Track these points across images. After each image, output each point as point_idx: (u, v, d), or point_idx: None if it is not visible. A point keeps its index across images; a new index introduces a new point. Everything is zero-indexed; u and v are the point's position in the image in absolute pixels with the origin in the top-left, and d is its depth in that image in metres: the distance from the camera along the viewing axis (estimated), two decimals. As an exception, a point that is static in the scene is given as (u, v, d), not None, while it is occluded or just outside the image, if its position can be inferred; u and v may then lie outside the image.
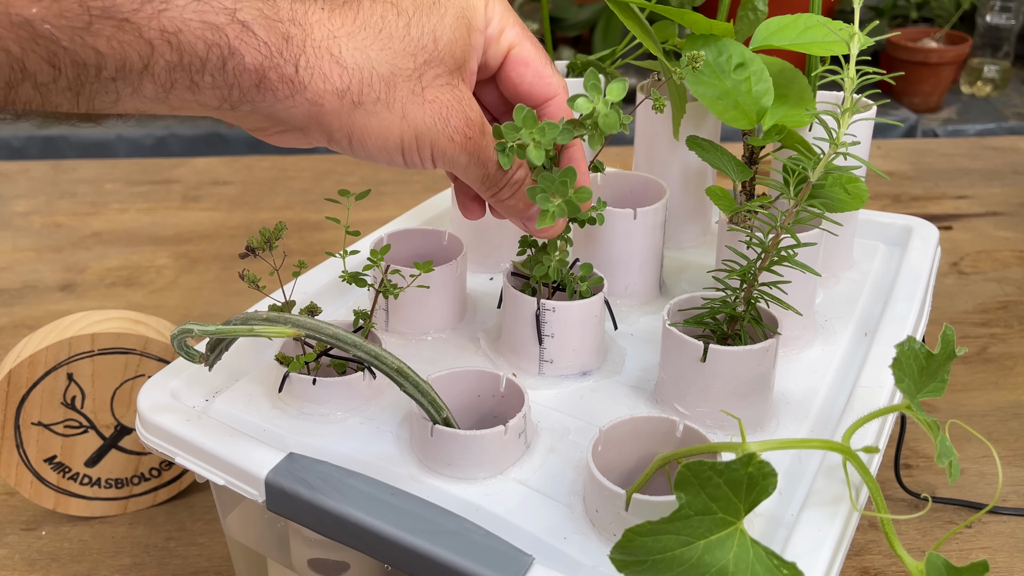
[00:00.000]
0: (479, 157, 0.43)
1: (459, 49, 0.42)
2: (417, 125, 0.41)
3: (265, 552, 0.51)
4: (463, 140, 0.42)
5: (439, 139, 0.42)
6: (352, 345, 0.43)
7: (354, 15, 0.39)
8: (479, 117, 0.43)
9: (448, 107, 0.42)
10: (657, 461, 0.38)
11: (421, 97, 0.41)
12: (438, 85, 0.41)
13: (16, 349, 0.58)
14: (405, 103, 0.40)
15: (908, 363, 0.37)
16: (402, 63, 0.40)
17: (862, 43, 0.44)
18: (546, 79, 0.46)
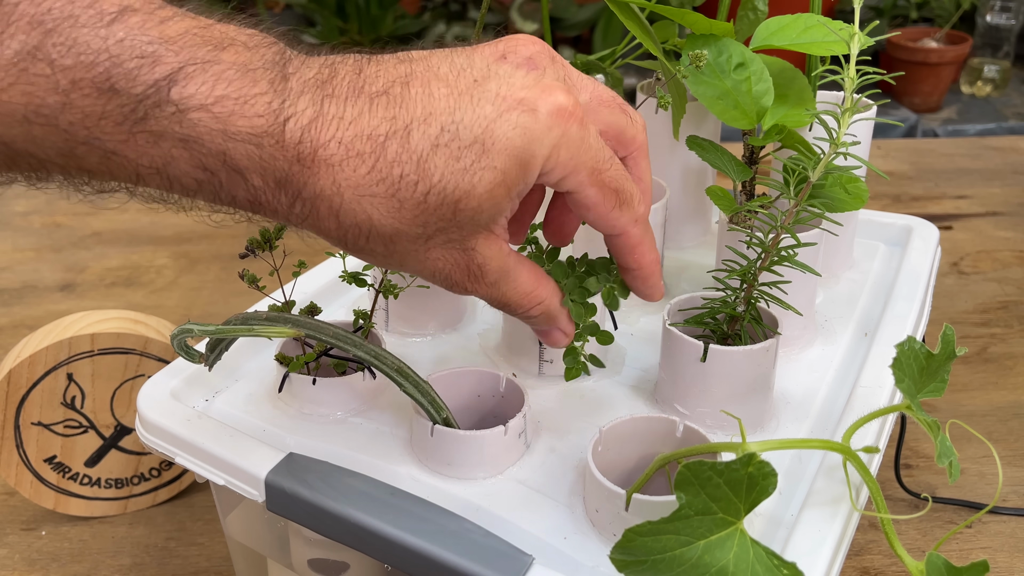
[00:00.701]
0: (488, 296, 0.40)
1: (485, 215, 0.36)
2: (411, 270, 0.38)
3: (265, 552, 0.51)
4: (468, 283, 0.39)
5: (437, 284, 0.39)
6: (352, 345, 0.43)
7: (372, 162, 0.34)
8: (495, 270, 0.39)
9: (455, 265, 0.38)
10: (657, 461, 0.38)
11: (424, 255, 0.37)
12: (445, 247, 0.37)
13: (16, 349, 0.58)
14: (404, 258, 0.37)
15: (908, 363, 0.37)
16: (409, 229, 0.36)
17: (862, 43, 0.44)
18: (610, 223, 0.40)
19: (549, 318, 0.43)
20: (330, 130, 0.34)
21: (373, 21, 1.94)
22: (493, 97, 0.35)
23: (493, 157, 0.35)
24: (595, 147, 0.38)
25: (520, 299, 0.41)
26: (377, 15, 1.94)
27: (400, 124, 0.34)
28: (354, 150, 0.34)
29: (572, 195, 0.39)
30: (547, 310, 0.42)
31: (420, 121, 0.35)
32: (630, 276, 0.44)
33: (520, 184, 0.36)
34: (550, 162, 0.36)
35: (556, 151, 0.36)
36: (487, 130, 0.35)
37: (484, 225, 0.37)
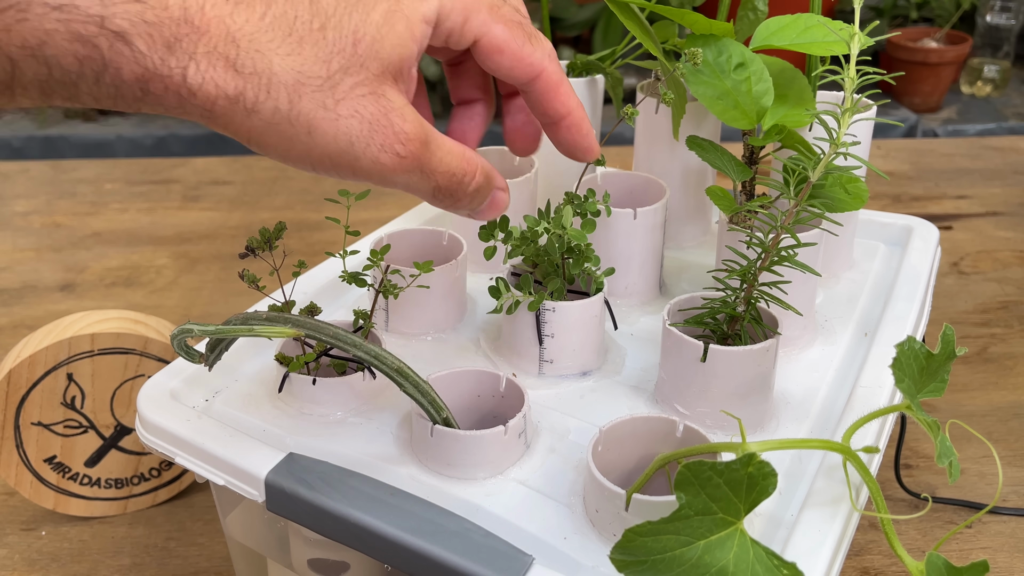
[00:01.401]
0: (421, 172, 0.38)
1: (388, 50, 0.35)
2: (327, 143, 0.35)
3: (265, 552, 0.51)
4: (393, 159, 0.36)
5: (360, 160, 0.36)
6: (352, 345, 0.43)
7: (263, 10, 0.34)
8: (417, 128, 0.37)
9: (371, 121, 0.35)
10: (657, 461, 0.38)
11: (334, 112, 0.35)
12: (357, 96, 0.35)
13: (16, 349, 0.58)
14: (312, 118, 0.34)
15: (908, 363, 0.37)
16: (311, 69, 0.34)
17: (862, 43, 0.44)
18: (526, 61, 0.40)
19: (489, 181, 0.41)
20: (213, 2, 0.33)
21: (373, 21, 1.94)
22: None
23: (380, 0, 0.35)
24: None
25: (461, 164, 0.39)
26: (377, 15, 1.94)
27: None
28: (244, 1, 0.33)
29: (480, 41, 0.38)
30: (487, 171, 0.40)
31: None
32: (563, 127, 0.42)
33: (416, 20, 0.36)
34: (447, 3, 0.37)
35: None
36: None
37: (393, 64, 0.36)
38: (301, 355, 0.49)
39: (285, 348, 0.51)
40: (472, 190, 0.40)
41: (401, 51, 0.36)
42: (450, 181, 0.39)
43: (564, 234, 0.49)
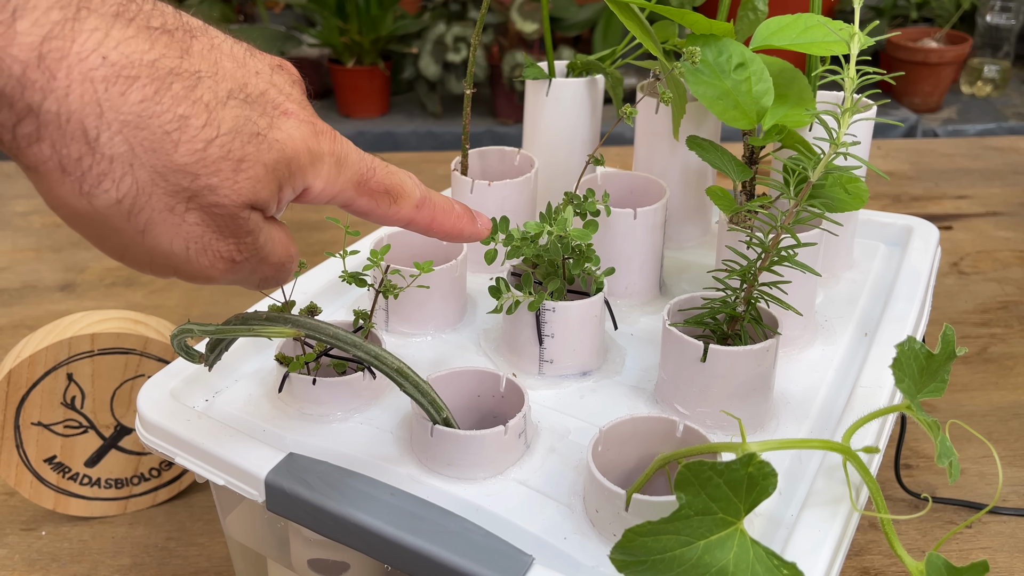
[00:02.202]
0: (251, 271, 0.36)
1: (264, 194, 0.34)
2: (164, 250, 0.33)
3: (265, 552, 0.51)
4: (225, 266, 0.35)
5: (190, 264, 0.34)
6: (352, 345, 0.43)
7: (152, 91, 0.30)
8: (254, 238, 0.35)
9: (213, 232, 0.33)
10: (657, 461, 0.38)
11: (181, 218, 0.32)
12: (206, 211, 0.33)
13: (16, 349, 0.58)
14: (153, 219, 0.32)
15: (908, 363, 0.37)
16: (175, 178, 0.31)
17: (862, 43, 0.44)
18: (392, 219, 0.40)
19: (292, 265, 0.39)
20: (90, 41, 0.29)
21: (373, 21, 1.94)
22: (276, 95, 0.34)
23: (274, 141, 0.33)
24: (356, 160, 0.38)
25: (282, 251, 0.37)
26: (377, 15, 1.94)
27: (188, 68, 0.31)
28: (126, 73, 0.29)
29: (347, 208, 0.38)
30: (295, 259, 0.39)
31: (210, 75, 0.32)
32: (445, 240, 0.43)
33: (288, 185, 0.35)
34: (320, 177, 0.36)
35: (323, 165, 0.36)
36: (272, 117, 0.34)
37: (259, 203, 0.34)
38: (301, 355, 0.49)
39: (285, 348, 0.51)
40: (290, 274, 0.39)
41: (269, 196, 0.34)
42: (276, 272, 0.38)
43: (567, 237, 0.49)
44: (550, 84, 0.64)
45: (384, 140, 2.01)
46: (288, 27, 2.15)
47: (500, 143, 1.55)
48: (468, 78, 0.59)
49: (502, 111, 2.01)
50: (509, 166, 0.65)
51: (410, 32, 1.97)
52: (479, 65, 1.94)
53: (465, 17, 2.01)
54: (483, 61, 1.95)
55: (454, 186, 0.62)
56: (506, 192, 0.60)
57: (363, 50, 1.99)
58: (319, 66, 2.15)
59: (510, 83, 1.92)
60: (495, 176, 0.62)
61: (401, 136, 2.01)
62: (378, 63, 2.02)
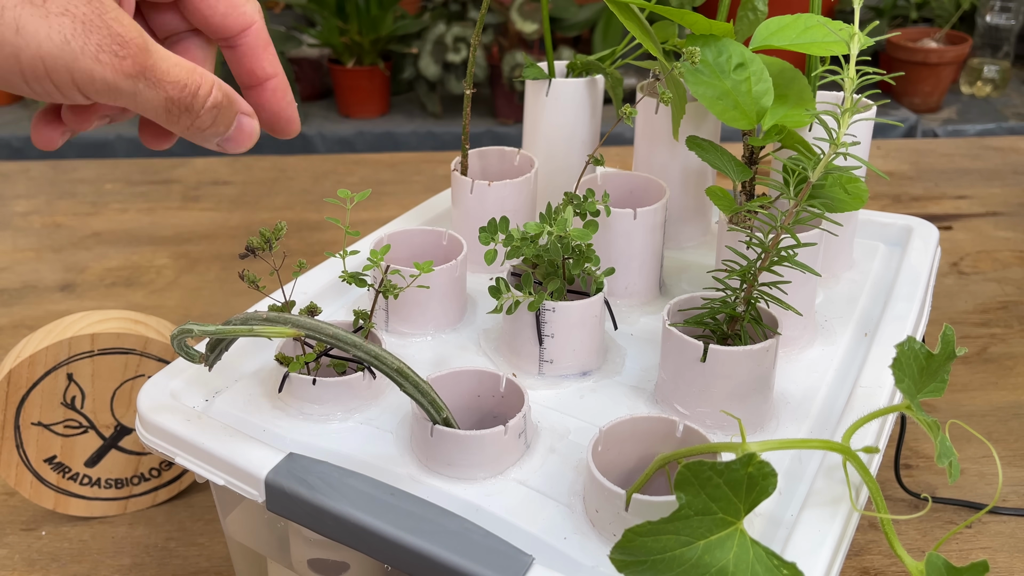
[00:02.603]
0: (148, 79, 0.35)
1: None
2: (40, 43, 0.33)
3: (265, 552, 0.51)
4: (114, 61, 0.34)
5: (79, 61, 0.33)
6: (352, 345, 0.43)
7: None
8: (134, 31, 0.35)
9: (85, 21, 0.33)
10: (657, 461, 0.38)
11: (43, 9, 0.32)
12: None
13: (16, 349, 0.58)
14: (18, 13, 0.32)
15: (908, 363, 0.37)
16: None
17: (862, 43, 0.44)
18: (239, 9, 0.40)
19: (232, 102, 0.39)
20: None
21: (373, 21, 1.94)
22: None
23: None
24: None
25: (192, 75, 0.37)
26: (377, 15, 1.94)
27: None
28: None
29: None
30: (227, 91, 0.39)
31: None
32: (267, 89, 0.41)
33: None
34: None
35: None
36: None
37: None
38: (301, 355, 0.49)
39: (285, 348, 0.51)
40: (210, 104, 0.38)
41: None
42: (182, 92, 0.36)
43: (567, 237, 0.49)
44: (550, 84, 0.64)
45: (384, 140, 2.01)
46: (288, 27, 2.15)
47: (500, 143, 1.55)
48: (468, 78, 0.59)
49: (502, 111, 2.01)
50: (509, 166, 0.65)
51: (410, 32, 1.97)
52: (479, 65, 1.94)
53: (465, 17, 2.01)
54: (483, 61, 1.95)
55: (454, 186, 0.62)
56: (506, 192, 0.60)
57: (363, 50, 1.99)
58: (319, 66, 2.15)
59: (510, 83, 1.92)
60: (495, 176, 0.62)
61: (401, 136, 2.01)
62: (378, 63, 2.02)
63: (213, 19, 0.40)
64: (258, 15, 0.41)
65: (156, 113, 0.37)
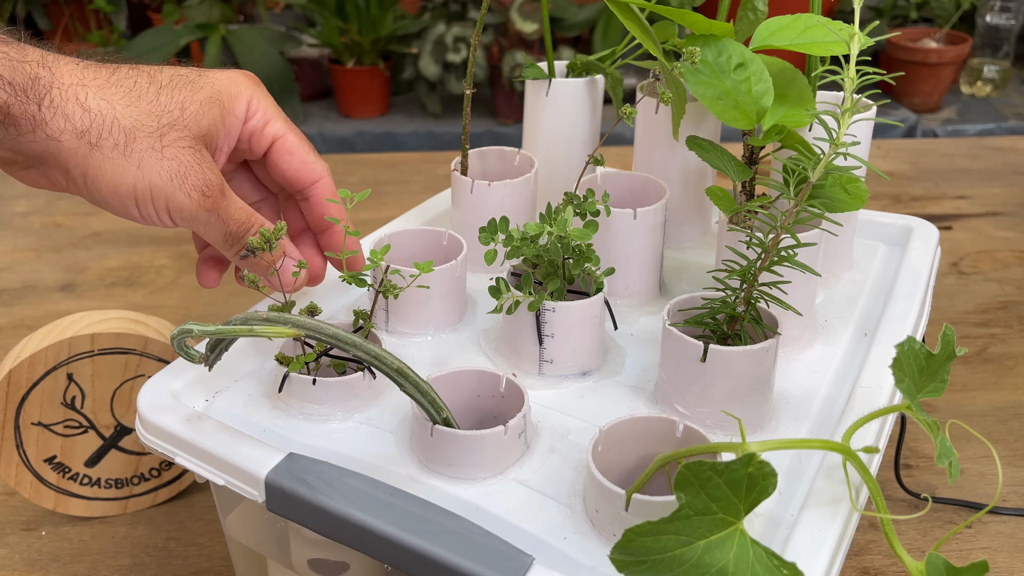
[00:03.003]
0: (219, 216, 0.46)
1: (206, 122, 0.46)
2: (152, 178, 0.43)
3: (265, 552, 0.51)
4: (200, 198, 0.45)
5: (175, 195, 0.44)
6: (352, 345, 0.43)
7: (108, 74, 0.43)
8: (219, 180, 0.46)
9: (187, 166, 0.44)
10: (657, 461, 0.38)
11: (160, 153, 0.44)
12: (179, 146, 0.44)
13: (16, 349, 0.58)
14: (143, 154, 0.43)
15: (908, 363, 0.37)
16: (145, 120, 0.44)
17: (862, 43, 0.44)
18: (311, 165, 0.51)
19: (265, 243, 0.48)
20: (67, 61, 0.43)
21: (373, 21, 1.94)
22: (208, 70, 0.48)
23: (210, 86, 0.47)
24: (282, 109, 0.51)
25: (248, 216, 0.48)
26: (377, 15, 1.94)
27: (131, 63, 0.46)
28: (92, 65, 0.44)
29: (276, 142, 0.50)
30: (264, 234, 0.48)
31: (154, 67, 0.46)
32: (329, 234, 0.53)
33: (234, 110, 0.48)
34: (254, 102, 0.49)
35: (256, 96, 0.49)
36: (205, 74, 0.47)
37: (208, 133, 0.46)
38: (301, 355, 0.49)
39: (285, 348, 0.51)
40: (248, 242, 0.47)
41: (213, 128, 0.47)
42: (239, 228, 0.48)
43: (567, 237, 0.49)
44: (550, 84, 0.64)
45: (384, 140, 2.01)
46: (288, 27, 2.15)
47: (500, 143, 1.55)
48: (468, 78, 0.59)
49: (502, 111, 2.01)
50: (509, 166, 0.65)
51: (410, 32, 1.97)
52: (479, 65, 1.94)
53: (465, 17, 2.01)
54: (483, 61, 1.95)
55: (454, 186, 0.62)
56: (506, 192, 0.60)
57: (363, 50, 1.99)
58: (319, 66, 2.15)
59: (510, 83, 1.92)
60: (495, 176, 0.62)
61: (401, 136, 2.01)
62: (378, 63, 2.02)
63: (288, 173, 0.51)
64: (326, 172, 0.52)
65: (216, 239, 0.48)
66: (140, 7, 2.26)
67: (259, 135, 0.49)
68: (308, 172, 0.51)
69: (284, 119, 0.50)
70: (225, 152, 0.49)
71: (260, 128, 0.49)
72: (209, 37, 1.95)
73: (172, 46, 1.96)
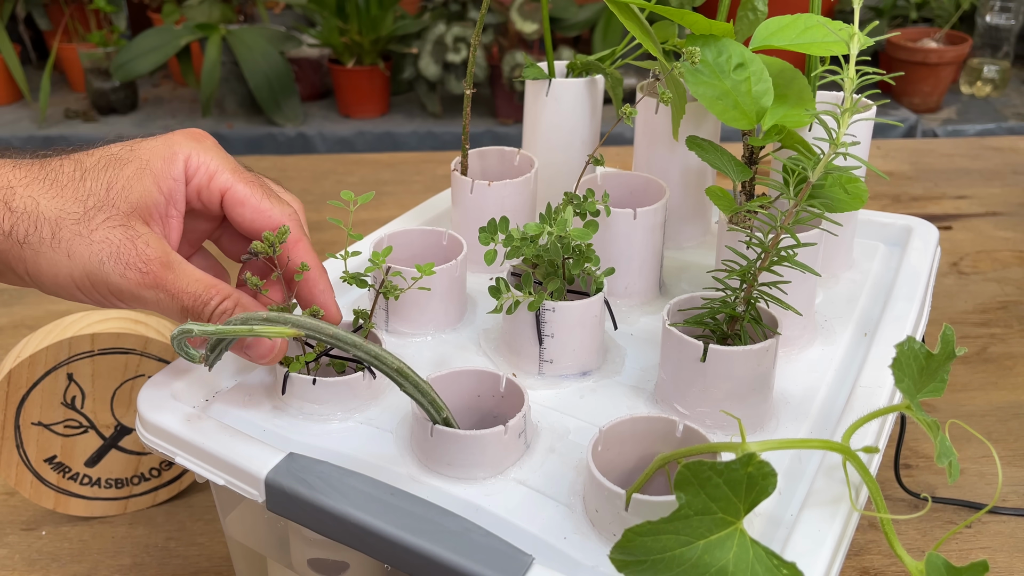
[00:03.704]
0: (167, 291, 0.45)
1: (135, 196, 0.45)
2: (84, 264, 0.43)
3: (265, 552, 0.51)
4: (137, 276, 0.44)
5: (110, 277, 0.43)
6: (352, 345, 0.43)
7: (37, 169, 0.44)
8: (159, 253, 0.44)
9: (117, 245, 0.43)
10: (657, 461, 0.38)
11: (88, 238, 0.43)
12: (108, 227, 0.44)
13: (16, 349, 0.58)
14: (71, 243, 0.43)
15: (908, 363, 0.37)
16: (70, 207, 0.43)
17: (862, 43, 0.44)
18: (265, 213, 0.48)
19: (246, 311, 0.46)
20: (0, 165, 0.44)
21: (373, 21, 1.94)
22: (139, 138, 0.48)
23: (138, 157, 0.46)
24: (230, 156, 0.49)
25: (206, 289, 0.45)
26: (377, 15, 1.94)
27: (66, 154, 0.46)
28: (23, 165, 0.44)
29: (225, 195, 0.47)
30: (238, 302, 0.46)
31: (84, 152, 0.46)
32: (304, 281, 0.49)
33: (168, 174, 0.46)
34: (193, 159, 0.47)
35: (196, 153, 0.47)
36: (135, 145, 0.46)
37: (140, 206, 0.45)
38: (301, 355, 0.49)
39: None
40: (219, 312, 0.46)
41: (147, 198, 0.45)
42: (194, 302, 0.45)
43: (567, 237, 0.49)
44: (550, 84, 0.64)
45: (384, 140, 2.01)
46: (288, 27, 2.15)
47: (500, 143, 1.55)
48: (468, 78, 0.59)
49: (502, 111, 2.01)
50: (509, 166, 0.65)
51: (410, 32, 1.97)
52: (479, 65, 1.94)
53: (465, 17, 2.01)
54: (483, 61, 1.95)
55: (454, 186, 0.62)
56: (506, 192, 0.60)
57: (363, 50, 1.99)
58: (319, 66, 2.15)
59: (510, 83, 1.92)
60: (495, 176, 0.62)
61: (401, 136, 2.01)
62: (378, 63, 2.02)
63: (244, 223, 0.48)
64: (287, 217, 0.48)
65: (172, 315, 0.46)
66: (140, 7, 2.26)
67: (207, 191, 0.47)
68: (263, 221, 0.48)
69: (233, 169, 0.48)
70: (176, 219, 0.47)
71: (206, 184, 0.47)
72: (209, 37, 1.95)
73: (172, 46, 1.96)
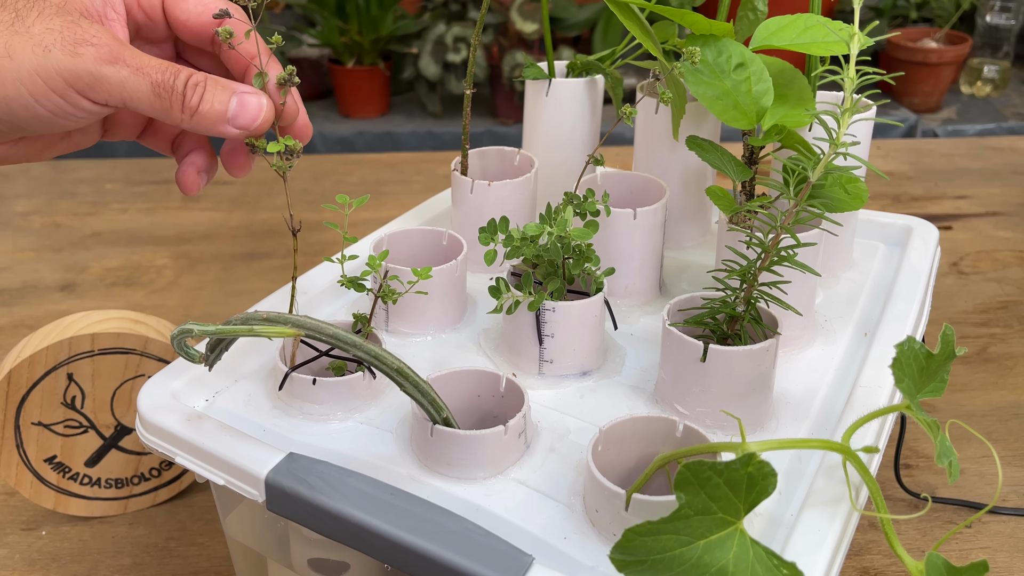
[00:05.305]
0: (129, 65, 0.40)
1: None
2: (29, 59, 0.39)
3: (265, 552, 0.51)
4: (92, 50, 0.39)
5: (61, 61, 0.39)
6: (352, 345, 0.43)
7: None
8: (106, 33, 0.40)
9: (60, 30, 0.39)
10: (657, 461, 0.38)
11: (26, 34, 0.39)
12: (46, 17, 0.39)
13: (16, 349, 0.58)
14: (9, 44, 0.39)
15: (908, 363, 0.37)
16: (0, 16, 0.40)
17: (862, 43, 0.44)
18: (208, 4, 0.44)
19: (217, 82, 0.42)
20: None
21: (373, 21, 1.94)
22: None
23: None
24: None
25: (165, 64, 0.41)
26: (377, 15, 1.94)
27: None
28: None
29: None
30: (207, 77, 0.42)
31: None
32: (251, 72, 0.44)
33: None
34: None
35: None
36: None
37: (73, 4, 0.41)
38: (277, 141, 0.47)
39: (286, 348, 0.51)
40: (192, 82, 0.41)
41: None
42: (164, 75, 0.41)
43: (567, 237, 0.49)
44: (550, 84, 0.64)
45: (384, 140, 2.01)
46: (288, 27, 2.15)
47: (500, 143, 1.55)
48: (468, 78, 0.59)
49: (502, 111, 2.01)
50: (509, 166, 0.65)
51: (410, 32, 1.97)
52: (479, 65, 1.94)
53: (465, 17, 2.01)
54: (483, 61, 1.95)
55: (454, 186, 0.62)
56: (506, 192, 0.60)
57: (363, 50, 1.99)
58: (319, 66, 2.15)
59: (510, 83, 1.92)
60: (495, 176, 0.62)
61: (401, 136, 2.01)
62: (378, 63, 2.02)
63: (189, 23, 0.44)
64: (231, 9, 0.44)
65: (149, 101, 0.41)
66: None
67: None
68: (209, 11, 0.44)
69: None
70: (117, 22, 0.43)
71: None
72: (209, 37, 1.95)
73: (172, 46, 1.96)
